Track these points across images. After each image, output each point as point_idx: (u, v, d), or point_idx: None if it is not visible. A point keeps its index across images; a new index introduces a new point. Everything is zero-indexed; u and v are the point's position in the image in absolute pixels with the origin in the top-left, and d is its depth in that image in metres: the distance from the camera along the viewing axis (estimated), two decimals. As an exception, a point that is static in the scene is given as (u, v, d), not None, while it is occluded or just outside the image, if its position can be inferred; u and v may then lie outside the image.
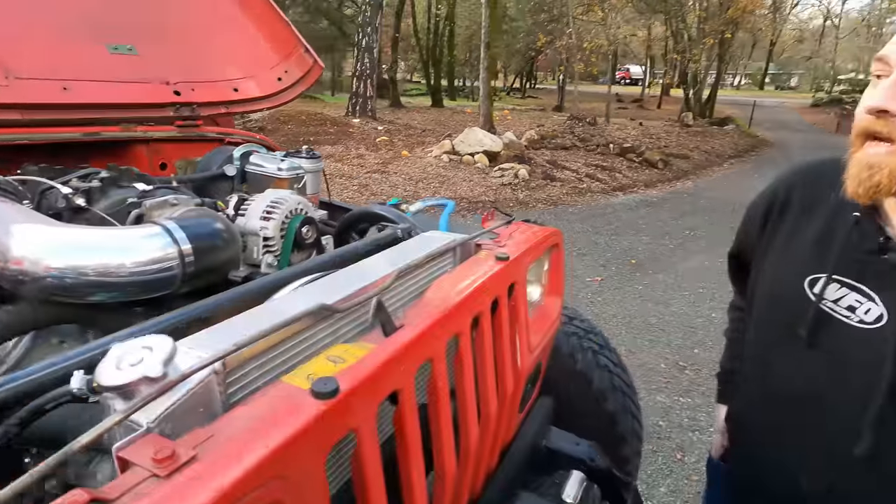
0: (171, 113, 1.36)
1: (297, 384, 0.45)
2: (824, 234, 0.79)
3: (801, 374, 0.81)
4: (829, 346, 0.76)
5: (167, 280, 0.71)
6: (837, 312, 0.76)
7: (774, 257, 0.87)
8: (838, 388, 0.75)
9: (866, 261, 0.73)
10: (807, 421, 0.80)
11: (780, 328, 0.83)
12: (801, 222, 0.83)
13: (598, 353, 1.56)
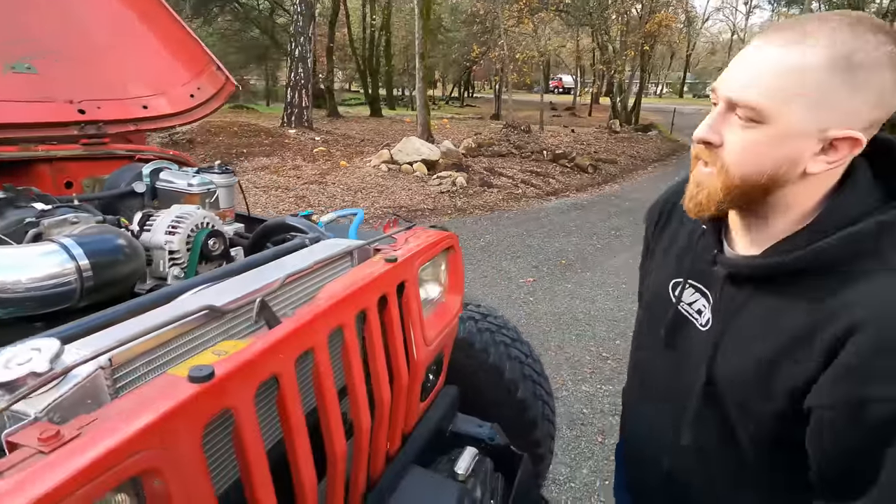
0: (75, 131, 1.36)
1: (179, 374, 0.53)
2: (689, 241, 0.84)
3: (658, 370, 0.87)
4: (680, 345, 0.82)
5: (65, 294, 0.75)
6: (690, 315, 0.81)
7: (657, 260, 0.92)
8: (679, 385, 0.80)
9: (707, 269, 0.78)
10: (660, 410, 0.86)
11: (650, 326, 0.89)
12: (679, 229, 0.88)
13: (510, 346, 1.69)
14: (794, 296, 0.66)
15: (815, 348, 0.63)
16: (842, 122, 0.60)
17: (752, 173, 0.64)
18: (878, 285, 0.61)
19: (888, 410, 0.58)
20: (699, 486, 0.81)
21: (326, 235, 1.19)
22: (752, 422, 0.71)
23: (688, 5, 29.08)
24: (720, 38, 44.48)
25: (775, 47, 0.61)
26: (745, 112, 0.63)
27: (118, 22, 1.58)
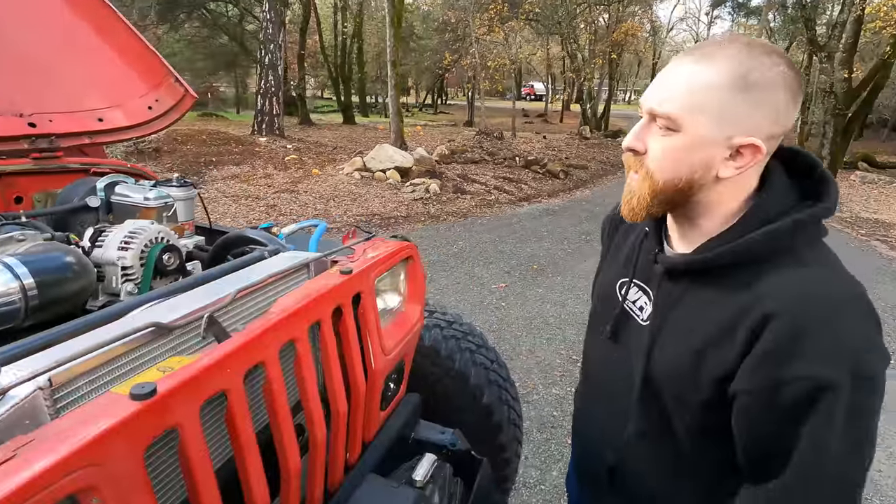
0: (25, 145, 1.33)
1: (121, 392, 0.53)
2: (634, 247, 0.91)
3: (605, 365, 0.93)
4: (623, 340, 0.87)
5: (8, 314, 0.74)
6: (633, 311, 0.87)
7: (607, 262, 1.00)
8: (623, 377, 0.85)
9: (649, 268, 0.84)
10: (605, 405, 0.92)
11: (599, 324, 0.94)
12: (628, 235, 0.95)
13: (476, 352, 1.72)
14: (722, 289, 0.73)
15: (737, 338, 0.68)
16: (745, 132, 0.68)
17: (673, 177, 0.72)
18: (790, 278, 0.68)
19: (799, 390, 0.64)
20: (641, 477, 0.86)
21: (286, 247, 1.19)
22: (687, 412, 0.76)
23: (653, 15, 29.99)
24: (684, 46, 45.96)
25: (688, 66, 0.70)
26: (663, 122, 0.71)
27: (71, 33, 1.55)
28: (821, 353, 0.63)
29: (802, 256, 0.70)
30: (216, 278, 0.90)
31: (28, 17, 1.48)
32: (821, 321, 0.64)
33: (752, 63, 0.66)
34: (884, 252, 7.01)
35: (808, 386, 0.63)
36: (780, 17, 23.31)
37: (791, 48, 25.61)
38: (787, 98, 0.67)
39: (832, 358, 0.63)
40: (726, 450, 0.73)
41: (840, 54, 13.51)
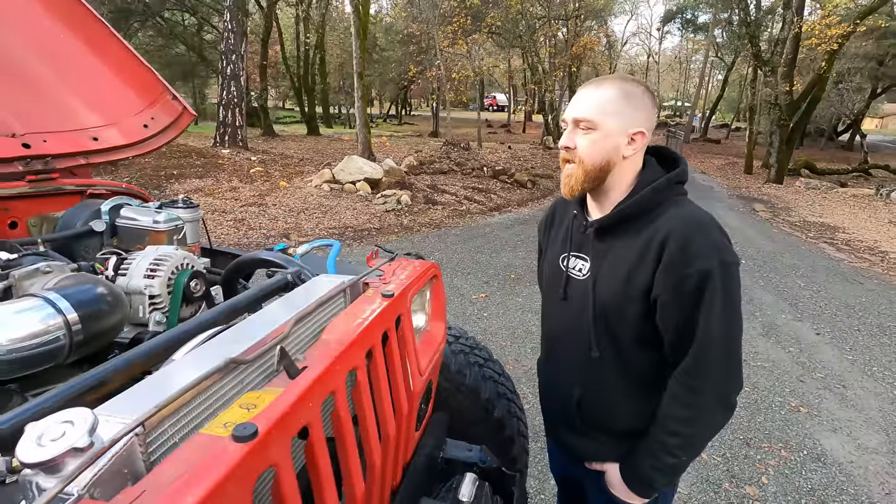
0: (20, 168, 1.25)
1: (216, 433, 0.51)
2: (567, 229, 1.23)
3: (560, 318, 1.23)
4: (571, 296, 1.19)
5: (53, 352, 0.69)
6: (574, 274, 1.19)
7: (549, 249, 1.32)
8: (577, 321, 1.15)
9: (581, 238, 1.18)
10: (564, 348, 1.22)
11: (551, 291, 1.27)
12: (559, 226, 1.30)
13: (484, 366, 1.73)
14: (632, 233, 1.07)
15: (649, 258, 1.02)
16: (635, 124, 1.05)
17: (596, 160, 1.07)
18: (673, 214, 1.03)
19: (693, 281, 0.97)
20: (602, 394, 1.16)
21: (306, 269, 1.18)
22: (628, 326, 1.08)
23: (608, 30, 31.14)
24: (637, 60, 47.92)
25: (592, 90, 1.07)
26: (585, 124, 1.06)
27: (63, 49, 1.48)
28: (701, 253, 0.98)
29: (677, 203, 1.06)
30: (255, 305, 0.88)
31: (18, 32, 1.39)
32: (697, 233, 0.99)
33: (627, 84, 1.06)
34: (832, 254, 7.47)
35: (697, 276, 0.97)
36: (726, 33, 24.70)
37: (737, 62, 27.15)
38: (650, 103, 1.08)
39: (707, 253, 0.98)
40: (658, 353, 1.08)
41: (782, 69, 14.43)
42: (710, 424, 1.07)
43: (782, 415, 3.19)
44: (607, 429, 1.19)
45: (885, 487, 2.58)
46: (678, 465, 1.08)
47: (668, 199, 1.07)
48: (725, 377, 1.02)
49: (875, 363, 3.98)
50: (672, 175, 1.09)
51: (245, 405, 0.57)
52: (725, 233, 1.04)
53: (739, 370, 1.04)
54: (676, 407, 1.05)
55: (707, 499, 2.43)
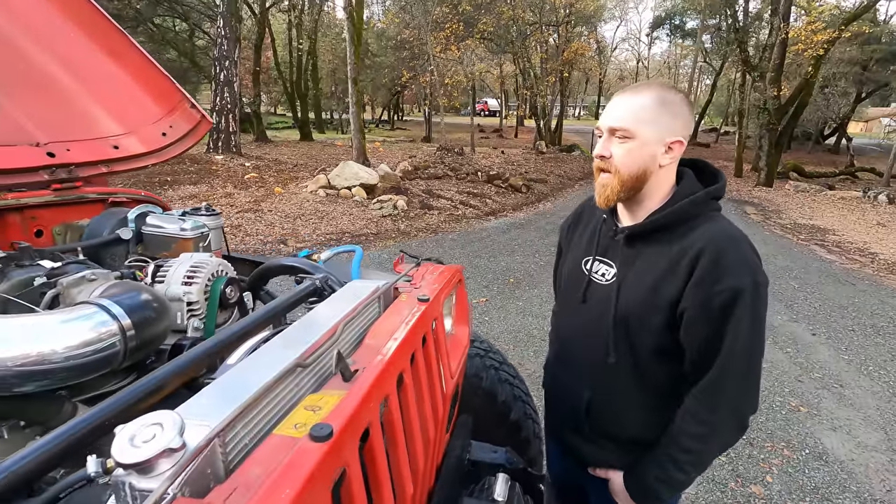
0: (45, 176, 1.26)
1: (290, 434, 0.53)
2: (592, 233, 1.24)
3: (577, 321, 1.23)
4: (592, 300, 1.18)
5: (109, 358, 0.70)
6: (596, 279, 1.19)
7: (571, 252, 1.31)
8: (595, 325, 1.15)
9: (609, 243, 1.18)
10: (579, 351, 1.22)
11: (570, 294, 1.26)
12: (584, 229, 1.29)
13: (499, 369, 1.75)
14: (664, 243, 1.07)
15: (680, 271, 1.02)
16: (673, 133, 1.04)
17: (633, 169, 1.06)
18: (708, 229, 1.04)
19: (723, 298, 0.97)
20: (613, 399, 1.16)
21: (332, 275, 1.19)
22: (649, 334, 1.07)
23: (598, 36, 31.48)
24: (627, 65, 48.47)
25: (628, 97, 1.06)
26: (621, 133, 1.05)
27: (83, 58, 1.48)
28: (734, 269, 0.98)
29: (712, 217, 1.07)
30: (289, 310, 0.89)
31: (39, 41, 1.40)
32: (730, 248, 1.00)
33: (664, 91, 1.05)
34: (823, 255, 7.59)
35: (728, 293, 0.97)
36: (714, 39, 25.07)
37: (725, 67, 27.55)
38: (688, 111, 1.07)
39: (740, 270, 0.98)
40: (675, 366, 1.08)
41: (770, 74, 14.68)
42: (722, 443, 1.07)
43: (783, 414, 3.24)
44: (615, 436, 1.19)
45: (887, 485, 2.63)
46: (685, 481, 1.09)
47: (704, 214, 1.07)
48: (744, 397, 1.03)
49: (871, 362, 4.05)
50: (711, 189, 1.09)
51: (310, 407, 0.59)
52: (757, 251, 1.04)
53: (757, 391, 1.04)
54: (692, 423, 1.05)
55: (714, 498, 2.46)
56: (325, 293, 1.12)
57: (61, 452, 0.50)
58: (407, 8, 19.14)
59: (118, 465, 0.45)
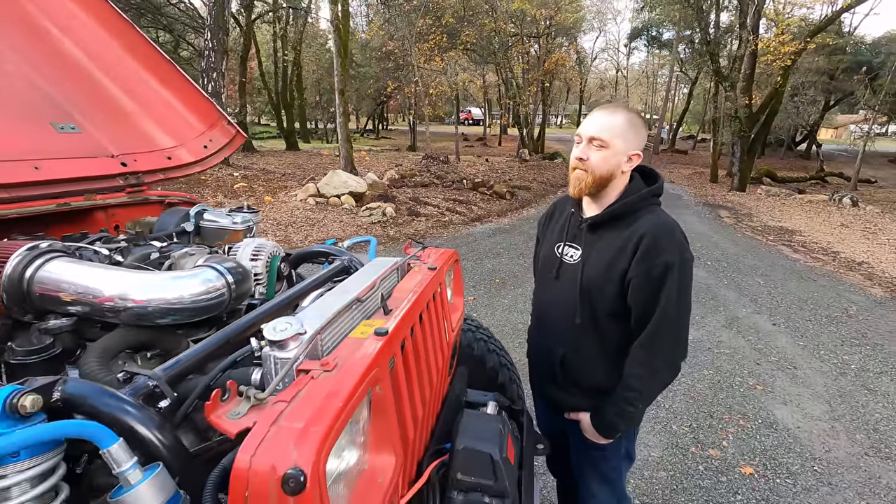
0: (120, 182, 1.55)
1: (360, 336, 0.85)
2: (563, 224, 1.55)
3: (551, 294, 1.55)
4: (563, 276, 1.51)
5: (219, 304, 1.01)
6: (566, 260, 1.51)
7: (546, 240, 1.63)
8: (566, 296, 1.47)
9: (576, 231, 1.49)
10: (553, 317, 1.55)
11: (545, 274, 1.59)
12: (556, 222, 1.61)
13: (487, 341, 2.08)
14: (617, 229, 1.39)
15: (629, 249, 1.34)
16: (634, 148, 1.38)
17: (604, 171, 1.38)
18: (649, 219, 1.36)
19: (660, 268, 1.29)
20: (580, 353, 1.49)
21: (355, 257, 1.51)
22: (606, 301, 1.39)
23: (578, 46, 32.30)
24: (607, 74, 49.68)
25: (608, 115, 1.37)
26: (598, 142, 1.36)
27: (139, 83, 1.78)
28: (667, 248, 1.30)
29: (653, 210, 1.40)
30: (331, 279, 1.21)
31: (105, 71, 1.70)
32: (665, 234, 1.32)
33: (631, 115, 1.38)
34: (789, 255, 8.09)
35: (663, 265, 1.29)
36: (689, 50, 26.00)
37: (699, 77, 28.54)
38: (645, 132, 1.41)
39: (672, 249, 1.30)
40: (625, 326, 1.40)
41: (740, 84, 15.40)
42: (661, 381, 1.39)
43: (741, 392, 3.61)
44: (581, 383, 1.52)
45: (826, 446, 3.01)
46: (635, 414, 1.40)
47: (647, 207, 1.40)
48: (676, 345, 1.35)
49: (822, 348, 4.47)
50: (653, 188, 1.43)
51: (367, 325, 0.91)
52: (685, 235, 1.37)
53: (686, 341, 1.36)
54: (636, 366, 1.36)
55: (677, 460, 2.81)
56: (351, 270, 1.44)
57: (224, 344, 0.81)
58: (392, 20, 19.57)
59: (268, 342, 0.76)
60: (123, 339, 0.93)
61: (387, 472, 0.78)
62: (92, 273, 0.94)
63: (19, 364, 0.84)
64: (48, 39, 1.58)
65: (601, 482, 1.62)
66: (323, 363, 0.73)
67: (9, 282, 0.91)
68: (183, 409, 0.74)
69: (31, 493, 0.62)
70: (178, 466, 0.67)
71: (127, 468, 0.62)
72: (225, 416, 0.63)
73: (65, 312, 0.94)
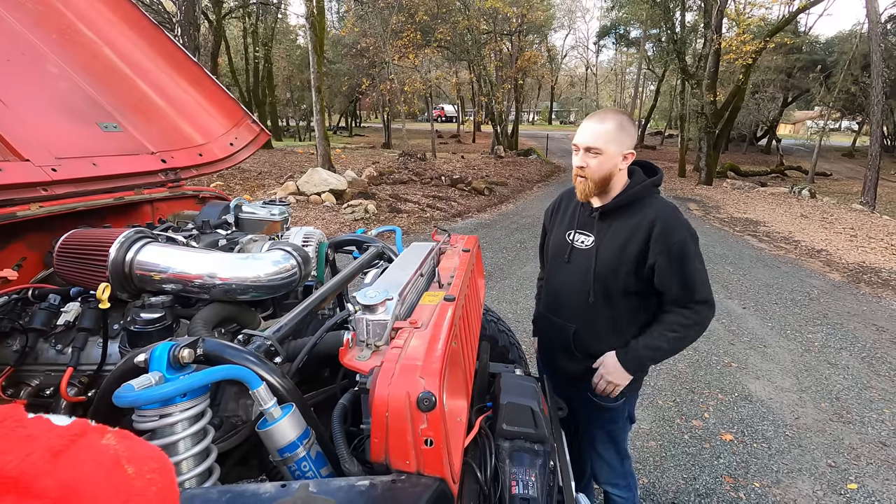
0: (161, 177, 1.64)
1: (430, 302, 1.00)
2: (573, 213, 1.73)
3: (564, 276, 1.71)
4: (574, 261, 1.67)
5: (291, 283, 1.13)
6: (577, 245, 1.67)
7: (555, 228, 1.81)
8: (578, 277, 1.64)
9: (585, 220, 1.66)
10: (566, 297, 1.71)
11: (557, 258, 1.75)
12: (565, 211, 1.78)
13: (497, 323, 2.25)
14: (626, 217, 1.57)
15: (640, 233, 1.52)
16: (627, 147, 1.54)
17: (602, 174, 1.55)
18: (655, 205, 1.56)
19: (677, 247, 1.49)
20: (592, 328, 1.66)
21: (387, 245, 1.65)
22: (618, 280, 1.57)
23: (549, 44, 32.80)
24: (577, 71, 50.58)
25: (596, 123, 1.53)
26: (593, 150, 1.53)
27: (171, 85, 1.86)
28: (677, 228, 1.50)
29: (656, 198, 1.60)
30: (368, 264, 1.35)
31: (142, 75, 1.77)
32: (672, 216, 1.52)
33: (620, 117, 1.53)
34: (755, 244, 8.56)
35: (679, 244, 1.49)
36: (656, 48, 26.79)
37: (666, 74, 29.43)
38: (635, 130, 1.56)
39: (681, 229, 1.51)
40: (633, 300, 1.59)
41: (706, 81, 16.03)
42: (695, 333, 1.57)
43: (718, 370, 3.90)
44: (594, 353, 1.69)
45: (795, 414, 3.30)
46: (664, 352, 1.57)
47: (650, 195, 1.60)
48: (708, 291, 1.55)
49: (789, 328, 4.82)
50: (653, 179, 1.62)
51: (430, 295, 1.06)
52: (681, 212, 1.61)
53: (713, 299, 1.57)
54: (680, 317, 1.55)
55: (664, 431, 3.05)
56: (384, 255, 1.58)
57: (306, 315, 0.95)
58: (365, 17, 19.51)
59: (362, 307, 0.90)
60: (216, 313, 1.04)
61: (462, 413, 0.94)
62: (183, 255, 1.06)
63: (141, 332, 0.95)
64: (87, 44, 1.66)
65: (607, 442, 1.81)
66: (411, 321, 0.87)
67: (113, 264, 1.02)
68: (296, 362, 0.87)
69: (189, 430, 0.75)
70: (300, 408, 0.81)
71: (269, 406, 0.76)
72: (354, 359, 0.78)
73: (160, 290, 1.06)
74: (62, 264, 1.12)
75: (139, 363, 0.74)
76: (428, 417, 0.68)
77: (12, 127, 1.28)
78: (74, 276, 1.10)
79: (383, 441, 0.69)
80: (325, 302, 1.10)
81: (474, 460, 1.02)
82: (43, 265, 1.32)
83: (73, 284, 1.12)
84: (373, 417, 0.69)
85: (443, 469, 0.69)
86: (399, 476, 0.68)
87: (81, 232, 1.15)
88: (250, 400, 0.87)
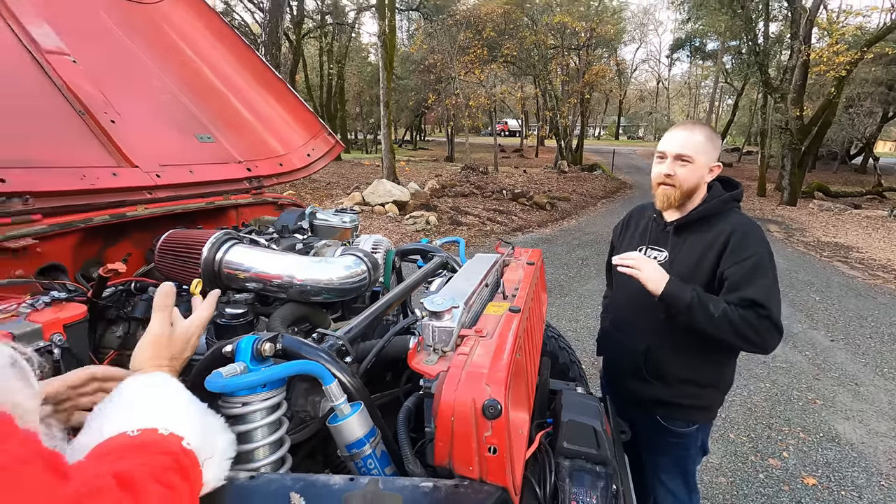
0: (246, 185, 1.78)
1: (496, 312, 1.01)
2: (643, 229, 1.71)
3: (633, 294, 1.62)
4: None
5: (361, 286, 1.19)
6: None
7: (624, 244, 1.78)
8: (650, 294, 1.51)
9: (658, 235, 1.64)
10: (636, 314, 1.65)
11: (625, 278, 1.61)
12: (636, 228, 1.76)
13: (558, 339, 2.20)
14: (702, 231, 1.54)
15: (717, 247, 1.49)
16: (714, 160, 1.56)
17: (691, 184, 1.54)
18: (733, 219, 1.53)
19: (752, 259, 1.44)
20: (663, 345, 1.59)
21: (449, 255, 1.68)
22: None
23: (618, 58, 32.06)
24: (647, 85, 49.00)
25: (687, 132, 1.54)
26: (684, 158, 1.52)
27: (256, 99, 2.03)
28: (755, 243, 1.46)
29: (735, 212, 1.56)
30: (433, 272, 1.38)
31: (230, 88, 1.95)
32: (751, 231, 1.48)
33: (708, 130, 1.54)
34: (846, 272, 7.82)
35: (756, 257, 1.44)
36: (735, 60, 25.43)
37: (746, 88, 27.82)
38: (720, 144, 1.55)
39: (758, 243, 1.46)
40: None
41: (791, 95, 14.97)
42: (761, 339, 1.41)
43: (800, 406, 3.58)
44: (664, 375, 1.62)
45: (893, 462, 2.96)
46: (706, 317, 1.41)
47: (730, 210, 1.57)
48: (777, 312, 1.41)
49: (886, 365, 4.34)
50: (733, 193, 1.59)
51: (495, 305, 1.07)
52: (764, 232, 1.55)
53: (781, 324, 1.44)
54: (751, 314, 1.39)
55: (736, 467, 2.84)
56: (448, 265, 1.61)
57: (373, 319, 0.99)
58: (434, 34, 20.04)
59: (429, 314, 0.92)
60: (292, 312, 1.11)
61: (524, 426, 0.93)
62: (265, 257, 1.14)
63: (227, 325, 1.04)
64: (188, 62, 1.84)
65: (675, 472, 1.72)
66: (477, 330, 0.89)
67: (205, 263, 1.12)
68: (364, 363, 0.91)
69: (267, 419, 0.80)
70: (367, 407, 0.84)
71: (340, 402, 0.79)
72: (422, 362, 0.80)
73: (243, 288, 1.14)
74: (162, 260, 1.24)
75: (226, 353, 0.80)
76: (493, 425, 0.68)
77: (126, 137, 1.44)
78: (172, 271, 1.21)
79: (448, 445, 0.70)
80: (391, 307, 1.14)
81: (533, 476, 1.01)
82: (144, 261, 1.47)
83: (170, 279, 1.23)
84: (438, 421, 0.70)
85: (505, 478, 0.69)
86: (462, 481, 0.69)
87: (179, 232, 1.27)
88: (318, 397, 0.91)
